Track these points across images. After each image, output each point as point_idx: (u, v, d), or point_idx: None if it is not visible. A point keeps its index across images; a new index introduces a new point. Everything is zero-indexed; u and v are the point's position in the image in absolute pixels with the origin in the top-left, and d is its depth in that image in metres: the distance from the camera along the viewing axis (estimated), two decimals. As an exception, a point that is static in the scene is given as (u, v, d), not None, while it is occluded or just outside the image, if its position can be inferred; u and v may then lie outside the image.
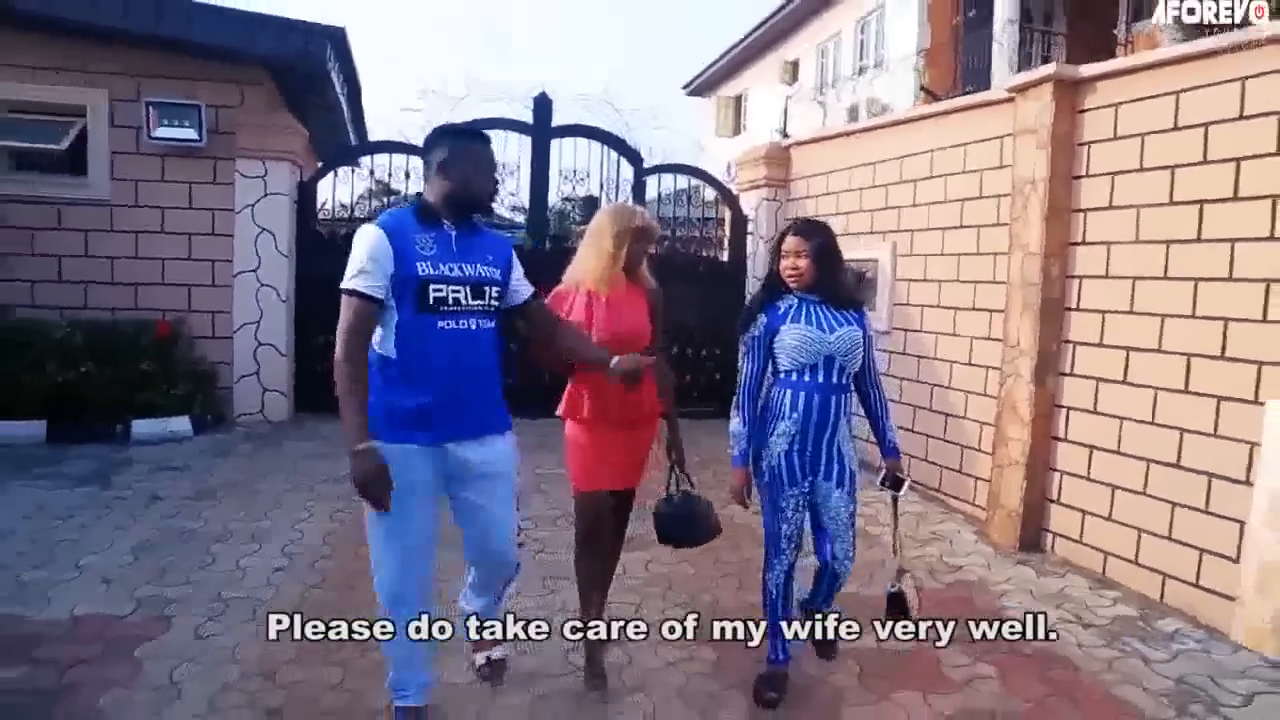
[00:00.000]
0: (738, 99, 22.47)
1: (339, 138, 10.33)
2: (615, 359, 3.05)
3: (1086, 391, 5.03)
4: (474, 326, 2.80)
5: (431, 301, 2.70)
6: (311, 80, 7.81)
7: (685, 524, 3.43)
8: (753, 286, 8.83)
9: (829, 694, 3.48)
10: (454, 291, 2.74)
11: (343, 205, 8.65)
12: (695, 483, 3.50)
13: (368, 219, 3.85)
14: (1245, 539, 4.12)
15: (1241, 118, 4.19)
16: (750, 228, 9.00)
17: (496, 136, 8.77)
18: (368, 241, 2.67)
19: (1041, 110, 5.15)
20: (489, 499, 2.94)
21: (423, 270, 2.69)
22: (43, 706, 3.06)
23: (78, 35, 7.03)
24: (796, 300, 3.36)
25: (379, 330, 2.72)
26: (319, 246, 7.98)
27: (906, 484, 3.51)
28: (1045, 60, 15.65)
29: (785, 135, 10.80)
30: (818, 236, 3.37)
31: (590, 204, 9.77)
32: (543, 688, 3.39)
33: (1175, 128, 4.52)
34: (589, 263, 3.33)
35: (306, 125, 8.06)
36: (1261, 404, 4.07)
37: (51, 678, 3.25)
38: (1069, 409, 5.17)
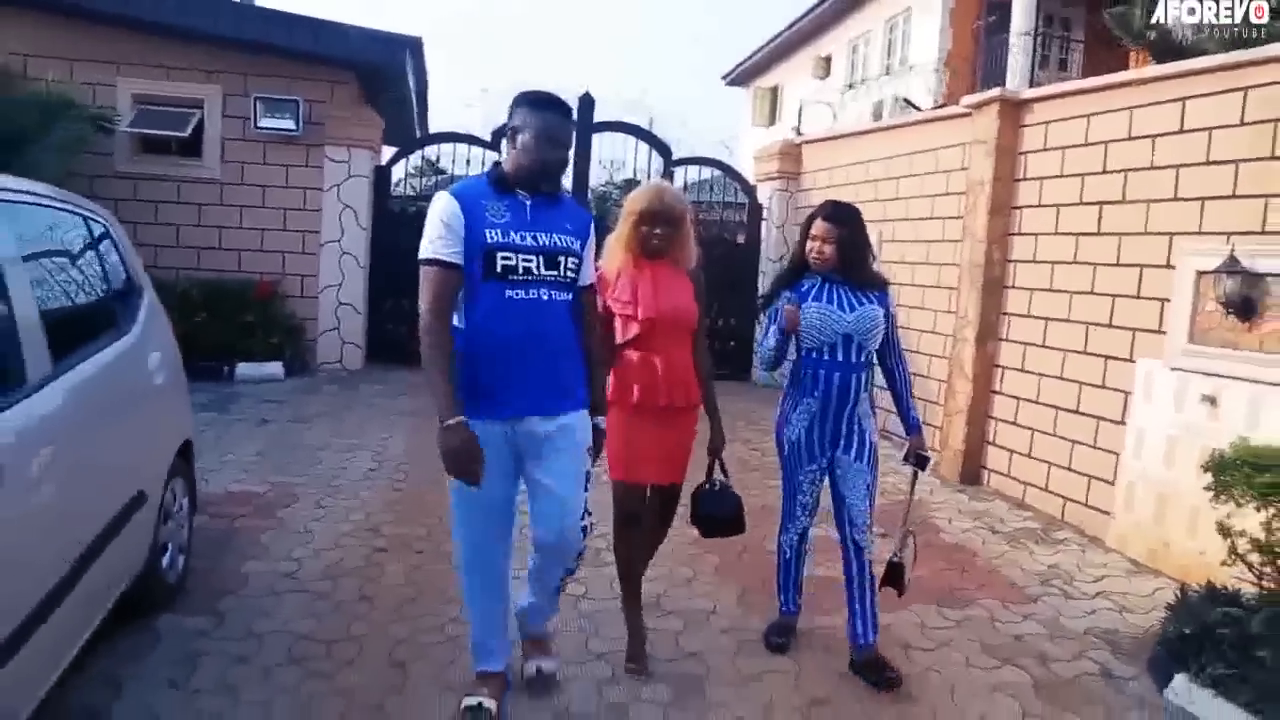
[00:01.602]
0: (774, 90, 23.41)
1: (408, 127, 11.69)
2: (598, 419, 2.99)
3: (1017, 353, 6.21)
4: (546, 297, 2.68)
5: (500, 269, 2.60)
6: (390, 80, 9.15)
7: (720, 514, 3.47)
8: (765, 266, 10.06)
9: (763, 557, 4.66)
10: (525, 260, 2.62)
11: (412, 187, 10.00)
12: (729, 475, 3.52)
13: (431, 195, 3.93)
14: (1119, 466, 5.30)
15: (1129, 138, 5.33)
16: (765, 214, 10.22)
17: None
18: (440, 207, 2.61)
19: (990, 124, 6.31)
20: (557, 478, 2.78)
21: (491, 237, 2.59)
22: (225, 539, 4.42)
23: (199, 41, 8.41)
24: (819, 280, 3.43)
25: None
26: (392, 221, 9.38)
27: (932, 461, 3.60)
28: (1063, 65, 16.61)
29: (799, 133, 11.90)
30: (845, 225, 3.42)
31: (630, 187, 11.00)
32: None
33: (1085, 143, 5.67)
34: (610, 245, 3.29)
35: (382, 116, 9.40)
36: (1134, 361, 5.24)
37: (225, 524, 4.61)
38: (1004, 368, 6.35)
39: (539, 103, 2.72)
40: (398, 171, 9.82)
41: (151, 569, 3.30)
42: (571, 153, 2.88)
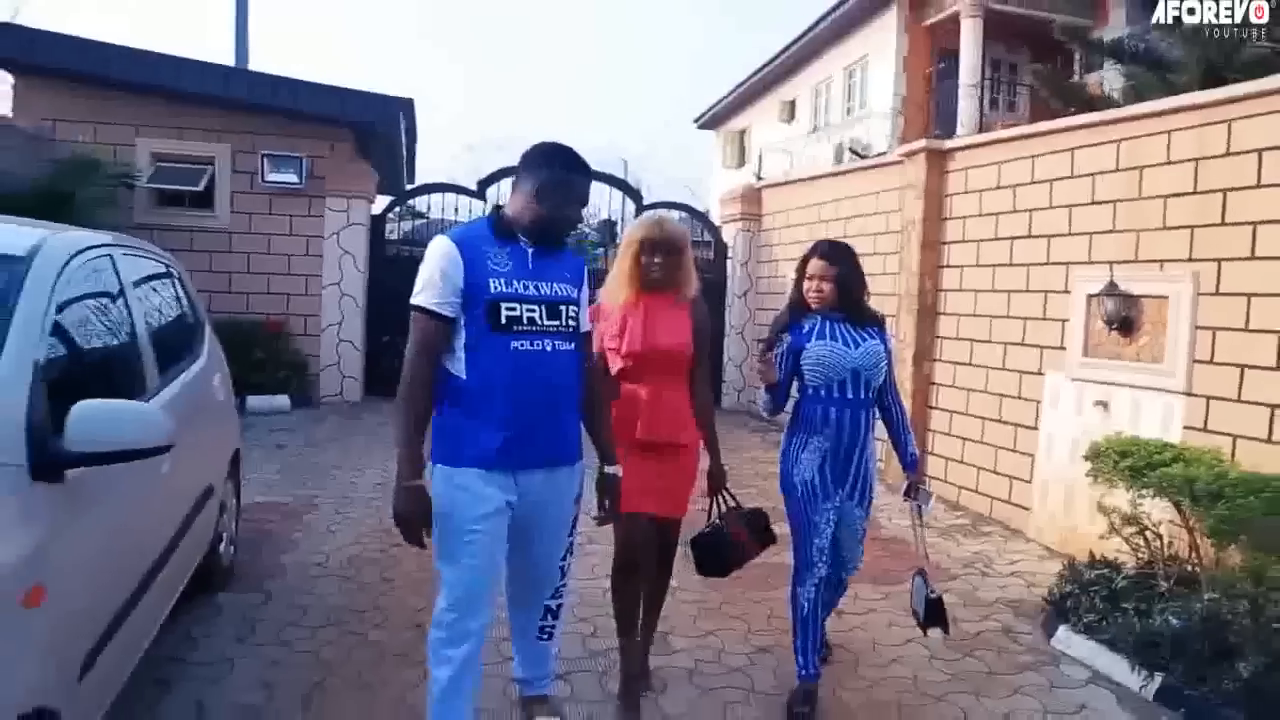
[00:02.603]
0: (742, 133, 24.43)
1: (397, 176, 12.53)
2: (613, 469, 2.90)
3: (949, 372, 7.04)
4: (549, 348, 2.61)
5: (504, 320, 2.53)
6: (383, 136, 9.99)
7: (717, 551, 3.39)
8: (730, 300, 10.91)
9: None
10: (529, 311, 2.57)
11: (405, 232, 10.82)
12: (739, 502, 3.48)
13: (425, 242, 3.90)
14: (1034, 467, 6.11)
15: (1032, 182, 6.21)
16: (730, 253, 11.09)
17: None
18: (438, 253, 2.54)
19: (919, 171, 7.19)
20: (541, 530, 2.79)
21: (495, 287, 2.53)
22: (261, 539, 5.14)
23: (210, 104, 9.22)
24: (820, 319, 3.41)
25: (452, 349, 2.59)
26: (386, 264, 10.18)
27: (933, 498, 3.64)
28: (1011, 106, 17.72)
29: (759, 178, 12.83)
30: (842, 263, 3.41)
31: (607, 226, 11.84)
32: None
33: (998, 186, 6.55)
34: (612, 277, 3.24)
35: (375, 168, 10.23)
36: (1043, 375, 6.07)
37: (259, 528, 5.33)
38: (938, 385, 7.17)
39: (567, 160, 2.68)
40: (391, 218, 10.64)
41: (213, 551, 4.03)
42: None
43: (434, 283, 2.52)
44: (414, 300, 2.55)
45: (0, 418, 2.05)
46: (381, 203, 10.75)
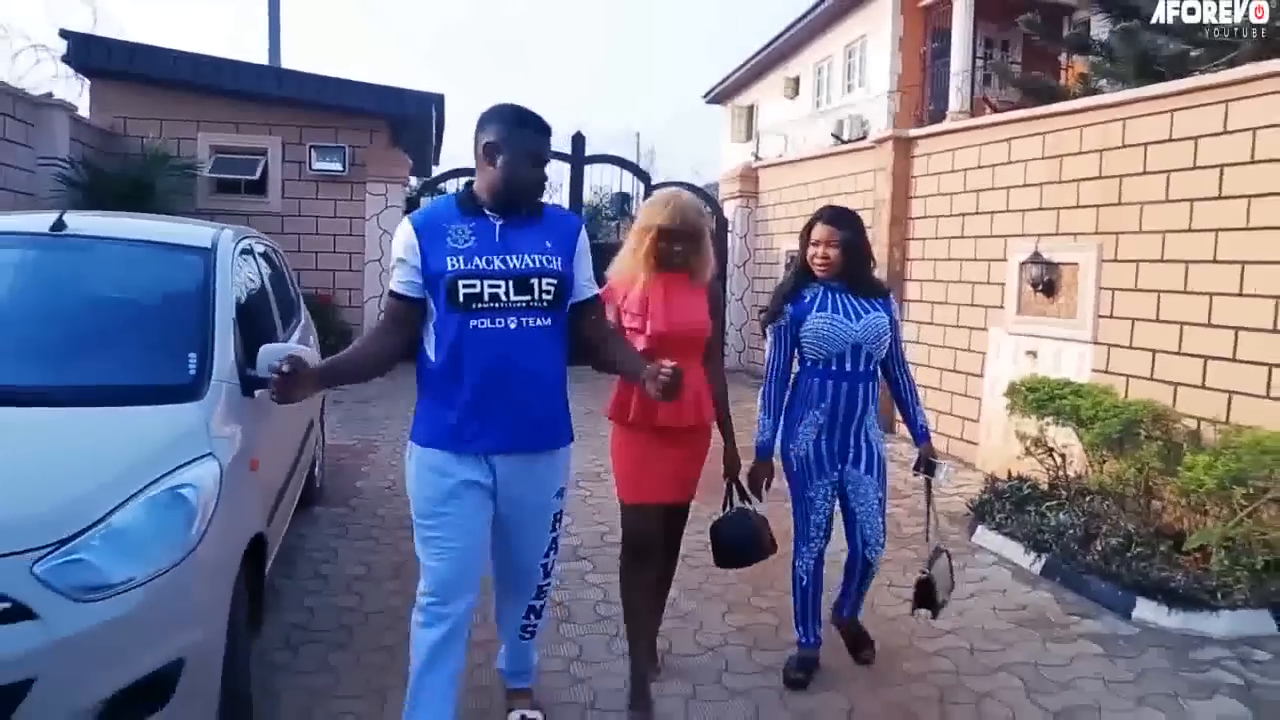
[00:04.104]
0: (750, 109, 25.24)
1: (426, 163, 13.66)
2: (646, 368, 2.59)
3: (914, 330, 8.12)
4: (515, 325, 2.52)
5: (462, 299, 2.47)
6: (417, 128, 11.09)
7: (739, 543, 3.27)
8: (730, 270, 11.99)
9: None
10: (491, 286, 2.49)
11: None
12: (750, 497, 3.36)
13: None
14: (981, 408, 7.22)
15: (979, 166, 7.27)
16: (730, 227, 12.16)
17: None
18: (397, 237, 2.58)
19: (888, 156, 8.24)
20: (520, 523, 2.75)
21: (452, 265, 2.48)
22: (337, 470, 6.33)
23: (263, 101, 10.35)
24: (821, 289, 3.30)
25: (426, 330, 2.61)
26: (419, 243, 11.30)
27: (944, 468, 3.62)
28: (1003, 84, 18.59)
29: (757, 158, 13.85)
30: (848, 227, 3.29)
31: (620, 199, 12.88)
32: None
33: (952, 170, 7.60)
34: (624, 258, 3.15)
35: (408, 155, 11.34)
36: (987, 330, 7.16)
37: (334, 461, 6.51)
38: (906, 342, 8.21)
39: (517, 119, 2.57)
40: (425, 201, 11.80)
41: (313, 470, 5.21)
42: (549, 170, 2.73)
43: (396, 265, 2.57)
44: (390, 285, 2.64)
45: (222, 357, 3.18)
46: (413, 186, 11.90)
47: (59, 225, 3.43)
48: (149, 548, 2.37)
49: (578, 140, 11.67)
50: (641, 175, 12.03)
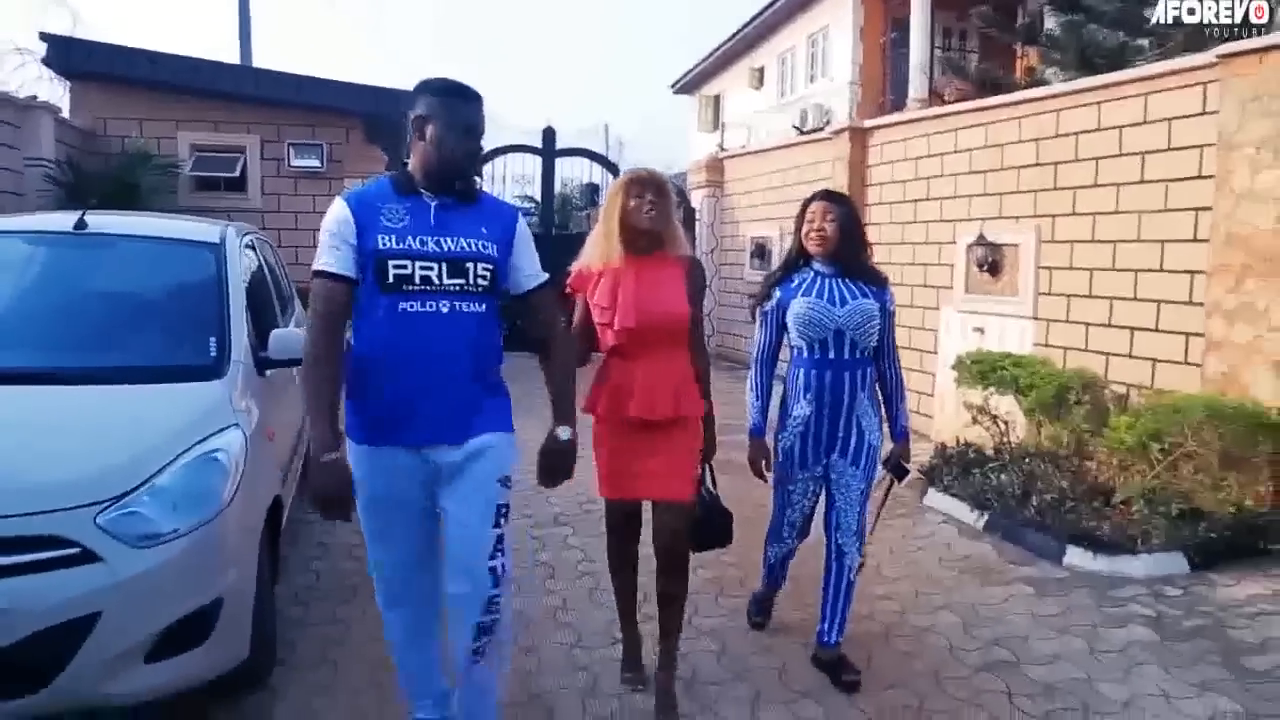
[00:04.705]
0: (716, 98, 25.57)
1: (403, 158, 13.88)
2: (559, 429, 2.58)
3: (872, 311, 8.57)
4: (447, 309, 2.40)
5: (392, 279, 2.35)
6: (391, 124, 11.38)
7: (704, 526, 3.14)
8: (700, 257, 12.40)
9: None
10: (423, 269, 2.37)
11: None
12: (715, 483, 3.26)
13: None
14: (935, 383, 7.68)
15: (929, 155, 7.72)
16: (698, 216, 12.57)
17: (515, 158, 12.57)
18: (330, 215, 2.42)
19: (844, 146, 8.69)
20: (459, 504, 2.48)
21: (383, 244, 2.35)
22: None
23: (242, 101, 10.61)
24: (812, 274, 3.24)
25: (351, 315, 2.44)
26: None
27: (909, 475, 3.51)
28: (960, 72, 19.08)
29: (723, 149, 14.22)
30: (844, 205, 3.25)
31: (590, 190, 13.26)
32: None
33: (904, 159, 8.05)
34: (594, 240, 3.01)
35: (385, 151, 11.63)
36: (939, 309, 7.62)
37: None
38: (865, 322, 8.71)
39: (444, 89, 2.48)
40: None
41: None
42: (482, 143, 2.59)
43: (328, 245, 2.39)
44: (314, 268, 2.40)
45: (238, 340, 3.54)
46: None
47: (81, 224, 3.77)
48: (191, 503, 2.75)
49: (548, 134, 12.04)
50: (611, 167, 12.41)
